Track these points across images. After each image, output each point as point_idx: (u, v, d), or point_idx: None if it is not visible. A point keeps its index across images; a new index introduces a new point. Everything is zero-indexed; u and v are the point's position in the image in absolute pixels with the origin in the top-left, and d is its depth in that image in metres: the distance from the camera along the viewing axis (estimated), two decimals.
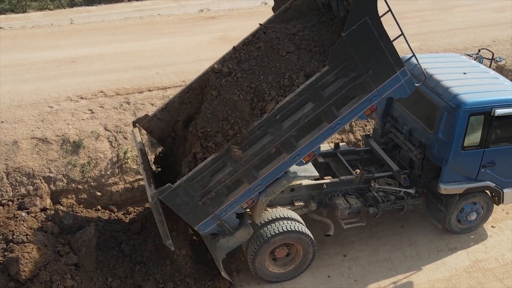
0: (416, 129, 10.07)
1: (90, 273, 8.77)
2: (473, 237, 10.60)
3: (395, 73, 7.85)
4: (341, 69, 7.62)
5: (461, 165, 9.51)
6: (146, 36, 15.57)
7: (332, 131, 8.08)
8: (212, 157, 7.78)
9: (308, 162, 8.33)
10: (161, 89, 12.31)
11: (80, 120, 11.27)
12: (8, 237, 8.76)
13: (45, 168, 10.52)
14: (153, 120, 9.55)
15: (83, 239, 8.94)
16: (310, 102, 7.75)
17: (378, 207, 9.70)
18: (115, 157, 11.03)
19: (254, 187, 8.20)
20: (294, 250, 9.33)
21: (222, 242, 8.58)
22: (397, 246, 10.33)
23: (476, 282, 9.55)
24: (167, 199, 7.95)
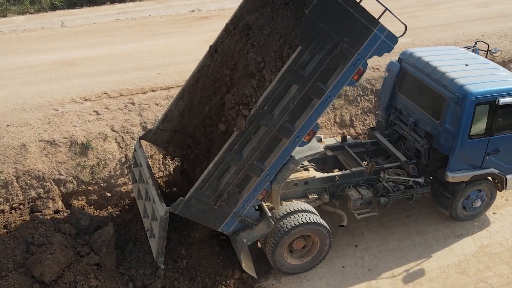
0: (421, 120, 10.38)
1: (111, 272, 8.84)
2: (476, 223, 10.98)
3: (372, 32, 7.74)
4: (315, 45, 7.60)
5: (467, 154, 9.87)
6: (142, 37, 15.58)
7: (325, 105, 8.13)
8: (213, 162, 7.92)
9: (310, 141, 8.41)
10: (164, 89, 12.38)
11: (87, 122, 11.27)
12: (28, 240, 8.79)
13: (55, 170, 10.49)
14: (157, 133, 9.76)
15: (102, 239, 9.00)
16: (294, 84, 7.77)
17: (389, 196, 10.02)
18: (123, 158, 11.07)
19: (263, 178, 8.37)
20: (310, 242, 9.56)
21: (243, 236, 8.76)
22: (406, 235, 10.64)
23: (485, 266, 9.92)
24: (182, 212, 8.14)
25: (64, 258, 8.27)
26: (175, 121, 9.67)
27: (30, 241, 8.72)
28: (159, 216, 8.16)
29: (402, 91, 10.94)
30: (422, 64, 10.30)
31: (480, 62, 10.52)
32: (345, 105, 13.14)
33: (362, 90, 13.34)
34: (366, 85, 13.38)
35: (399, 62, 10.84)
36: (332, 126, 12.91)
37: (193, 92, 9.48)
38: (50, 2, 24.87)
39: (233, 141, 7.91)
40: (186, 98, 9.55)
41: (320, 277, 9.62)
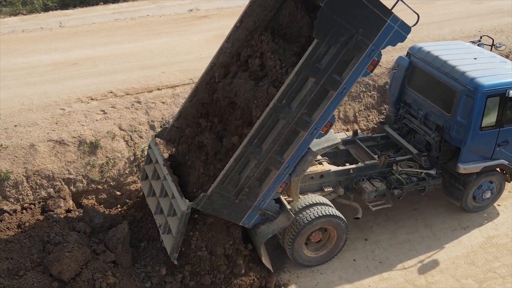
0: (432, 113, 10.56)
1: (128, 270, 8.86)
2: (482, 215, 11.17)
3: (386, 23, 7.86)
4: (330, 38, 7.72)
5: (478, 145, 10.07)
6: (143, 37, 15.57)
7: (341, 97, 8.27)
8: (234, 157, 8.03)
9: (326, 133, 8.53)
10: (170, 88, 12.41)
11: (94, 121, 11.27)
12: (44, 239, 8.79)
13: (64, 170, 10.49)
14: (172, 130, 9.85)
15: (117, 237, 9.01)
16: (310, 77, 7.91)
17: (402, 188, 10.19)
18: (132, 156, 11.10)
19: (283, 171, 8.49)
20: (327, 235, 9.69)
21: (263, 229, 8.90)
22: (414, 228, 10.81)
23: (492, 257, 10.11)
24: (205, 207, 8.25)
25: (82, 256, 8.28)
26: (189, 117, 9.74)
27: (46, 240, 8.72)
28: (180, 212, 8.23)
29: (411, 85, 11.12)
30: (431, 58, 10.49)
31: (488, 56, 10.76)
32: (348, 102, 13.27)
33: (364, 86, 13.47)
34: (368, 81, 13.53)
35: (408, 57, 11.01)
36: (337, 122, 13.03)
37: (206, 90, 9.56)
38: (42, 3, 24.82)
39: (253, 135, 8.03)
40: (200, 96, 9.61)
41: (333, 271, 9.75)
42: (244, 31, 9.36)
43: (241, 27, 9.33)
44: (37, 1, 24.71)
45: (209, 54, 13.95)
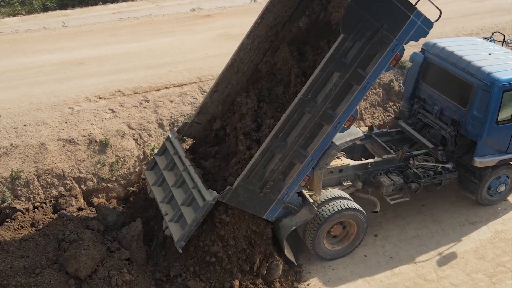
0: (447, 108, 10.72)
1: (142, 267, 8.91)
2: (489, 211, 11.31)
3: (409, 18, 8.01)
4: (356, 32, 7.90)
5: (494, 139, 10.23)
6: (147, 36, 15.60)
7: (364, 91, 8.43)
8: (260, 151, 8.15)
9: (349, 127, 8.69)
10: (177, 86, 12.45)
11: (103, 120, 11.29)
12: (59, 237, 8.81)
13: (75, 168, 10.51)
14: (193, 126, 10.00)
15: (131, 234, 9.05)
16: (335, 72, 8.06)
17: (419, 182, 10.33)
18: (141, 155, 11.13)
19: (306, 164, 8.63)
20: (347, 229, 9.87)
21: (285, 222, 9.02)
22: (422, 223, 10.91)
23: (501, 251, 10.23)
24: (230, 200, 8.37)
25: (98, 253, 8.31)
26: (209, 113, 9.91)
27: (61, 238, 8.75)
28: (203, 202, 8.35)
29: (426, 81, 11.28)
30: (446, 54, 10.64)
31: (502, 51, 10.94)
32: None
33: None
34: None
35: (422, 53, 11.14)
36: None
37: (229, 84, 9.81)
38: (41, 3, 24.79)
39: (279, 129, 8.16)
40: (220, 91, 9.76)
41: (344, 266, 9.83)
42: (265, 27, 9.59)
43: (262, 23, 9.54)
44: (36, 1, 24.71)
45: (214, 53, 14.23)
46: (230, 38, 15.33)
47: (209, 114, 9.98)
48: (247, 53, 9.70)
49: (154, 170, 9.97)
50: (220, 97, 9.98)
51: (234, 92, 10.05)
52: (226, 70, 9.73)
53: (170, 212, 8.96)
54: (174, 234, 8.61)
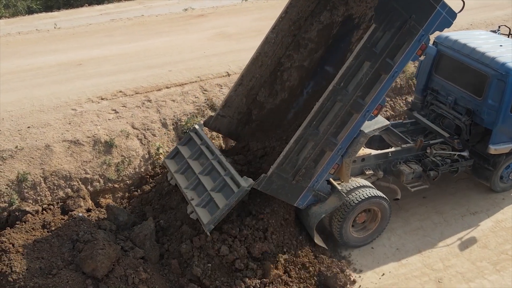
0: (462, 98, 11.05)
1: (156, 265, 8.97)
2: (489, 201, 11.60)
3: (435, 9, 8.37)
4: (386, 23, 8.24)
5: (508, 127, 10.60)
6: (143, 36, 15.59)
7: (392, 80, 8.76)
8: (294, 138, 8.36)
9: (377, 115, 8.99)
10: (178, 86, 12.50)
11: (107, 120, 11.29)
12: (73, 237, 8.84)
13: (81, 169, 10.50)
14: (217, 119, 10.33)
15: (144, 233, 9.11)
16: (366, 61, 8.37)
17: (438, 170, 10.69)
18: (146, 154, 11.17)
19: (336, 152, 8.92)
20: (370, 216, 10.14)
21: (315, 210, 9.34)
22: (425, 215, 11.16)
23: (503, 240, 10.52)
24: (265, 187, 8.61)
25: (114, 252, 8.36)
26: (234, 106, 10.23)
27: (76, 238, 8.77)
28: (237, 188, 8.64)
29: (439, 73, 11.59)
30: (460, 46, 11.00)
31: (510, 43, 11.26)
32: None
33: None
34: None
35: (435, 46, 11.44)
36: None
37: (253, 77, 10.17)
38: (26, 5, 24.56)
39: (312, 117, 8.44)
40: (245, 84, 10.07)
41: (352, 259, 10.00)
42: (288, 22, 9.90)
43: (286, 18, 9.85)
44: (21, 4, 24.51)
45: (212, 52, 14.31)
46: (226, 37, 15.44)
47: (234, 107, 10.27)
48: (271, 47, 10.03)
49: (175, 159, 10.17)
50: (244, 90, 10.31)
51: (258, 85, 10.33)
52: (251, 63, 10.04)
53: (195, 198, 9.15)
54: (202, 218, 8.80)
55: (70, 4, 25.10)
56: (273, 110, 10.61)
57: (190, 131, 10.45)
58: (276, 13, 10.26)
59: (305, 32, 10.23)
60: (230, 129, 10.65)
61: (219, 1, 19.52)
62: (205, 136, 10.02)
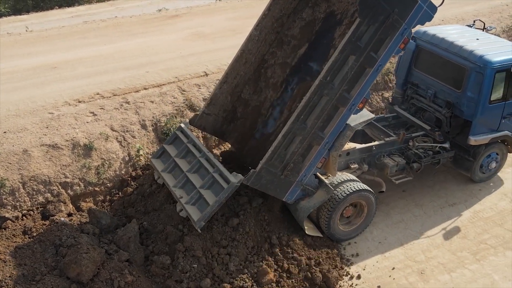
0: (441, 91, 11.27)
1: (141, 268, 8.91)
2: (466, 192, 11.85)
3: (417, 3, 8.57)
4: (370, 17, 8.40)
5: (487, 118, 10.87)
6: (118, 38, 15.43)
7: (376, 74, 8.91)
8: (282, 133, 8.43)
9: (362, 108, 9.13)
10: (156, 87, 12.41)
11: (85, 123, 11.15)
12: (56, 242, 8.71)
13: (60, 174, 10.35)
14: (203, 117, 10.35)
15: (128, 236, 9.04)
16: (351, 55, 8.50)
17: (420, 162, 10.91)
18: (127, 156, 11.07)
19: (323, 146, 9.03)
20: (357, 210, 10.28)
21: (303, 204, 9.46)
22: (405, 208, 11.35)
23: (482, 230, 10.77)
24: (254, 183, 8.69)
25: (98, 256, 8.27)
26: (219, 104, 10.28)
27: (58, 243, 8.66)
28: (226, 184, 8.66)
29: (418, 67, 11.80)
30: (438, 40, 11.24)
31: (486, 36, 11.59)
32: None
33: None
34: None
35: (414, 41, 11.61)
36: None
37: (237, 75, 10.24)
38: None
39: (300, 111, 8.53)
40: (230, 82, 10.12)
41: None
42: (271, 19, 9.99)
43: (269, 15, 9.93)
44: None
45: (189, 52, 14.27)
46: (201, 37, 15.41)
47: (219, 105, 10.32)
48: (255, 44, 10.12)
49: (161, 158, 10.15)
50: (229, 88, 10.36)
51: (242, 83, 10.40)
52: (235, 61, 10.09)
53: (184, 196, 9.15)
54: (193, 215, 8.81)
55: (40, 7, 24.73)
56: (258, 107, 10.65)
57: (176, 130, 10.43)
58: (250, 12, 10.39)
59: (288, 29, 10.32)
60: (215, 127, 10.66)
61: (193, 1, 19.51)
62: (191, 134, 10.01)
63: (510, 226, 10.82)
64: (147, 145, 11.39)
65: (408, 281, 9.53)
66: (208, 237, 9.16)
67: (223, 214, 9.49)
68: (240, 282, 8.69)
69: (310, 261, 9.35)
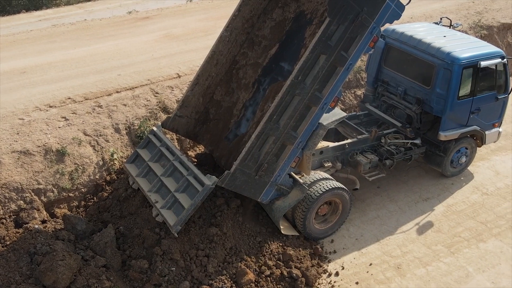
0: (411, 88, 11.43)
1: (119, 273, 8.81)
2: (439, 187, 12.07)
3: (385, 2, 8.69)
4: (340, 16, 8.48)
5: (456, 114, 11.05)
6: (89, 41, 15.23)
7: (347, 73, 8.99)
8: (255, 134, 8.44)
9: (334, 107, 9.21)
10: (129, 90, 12.29)
11: (57, 128, 10.97)
12: (30, 250, 8.54)
13: (33, 180, 10.15)
14: (175, 119, 10.31)
15: (104, 241, 8.94)
16: (322, 54, 8.57)
17: (393, 158, 11.06)
18: (101, 161, 10.94)
19: (296, 145, 9.05)
20: (332, 208, 10.34)
21: (278, 204, 9.48)
22: (380, 204, 11.49)
23: (455, 223, 10.98)
24: (228, 184, 8.66)
25: (75, 262, 8.17)
26: (192, 106, 10.25)
27: (33, 251, 8.48)
28: (201, 187, 8.61)
29: (388, 65, 11.95)
30: (406, 38, 11.39)
31: (453, 34, 11.79)
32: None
33: None
34: None
35: (383, 39, 11.73)
36: None
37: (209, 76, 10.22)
38: None
39: (273, 112, 8.55)
40: (201, 83, 10.10)
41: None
42: (241, 20, 10.01)
43: (239, 16, 9.94)
44: None
45: (161, 54, 14.19)
46: (173, 39, 15.33)
47: (191, 107, 10.29)
48: (226, 45, 10.12)
49: (135, 162, 10.07)
50: (201, 89, 10.33)
51: (214, 84, 10.39)
52: (206, 62, 10.07)
53: (160, 200, 9.08)
54: (169, 220, 8.75)
55: (6, 11, 24.22)
56: (231, 108, 10.65)
57: (148, 133, 10.36)
58: (221, 13, 10.39)
59: (258, 29, 10.36)
60: (188, 129, 10.64)
61: (164, 3, 19.41)
62: (164, 137, 9.96)
63: (482, 219, 11.07)
64: (121, 149, 11.27)
65: (385, 276, 9.65)
66: (186, 239, 9.13)
67: (200, 216, 9.46)
68: (219, 284, 8.68)
69: (288, 260, 9.39)
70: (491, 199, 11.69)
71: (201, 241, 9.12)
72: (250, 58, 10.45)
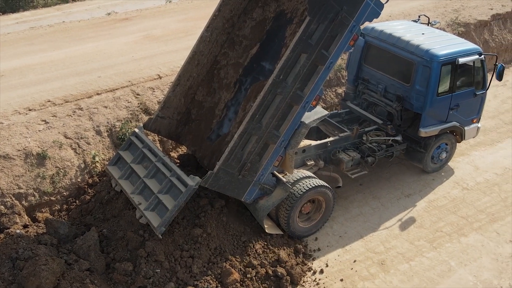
0: (391, 86, 11.54)
1: (103, 276, 8.74)
2: (420, 182, 12.21)
3: (364, 0, 8.77)
4: (320, 15, 8.54)
5: (436, 110, 11.18)
6: (68, 43, 15.08)
7: (328, 71, 9.05)
8: (238, 133, 8.44)
9: (316, 106, 9.26)
10: (109, 92, 12.20)
11: (37, 132, 10.85)
12: (12, 255, 8.43)
13: (13, 185, 10.02)
14: (157, 121, 10.28)
15: (88, 244, 8.86)
16: (303, 53, 8.62)
17: (375, 156, 11.15)
18: (82, 164, 10.85)
19: (279, 144, 9.08)
20: (315, 206, 10.39)
21: (262, 203, 9.51)
22: (363, 201, 11.58)
23: (437, 218, 11.12)
24: (212, 184, 8.65)
25: (58, 267, 8.07)
26: (173, 106, 10.21)
27: (15, 256, 8.36)
28: (184, 188, 8.56)
29: (368, 63, 12.04)
30: (385, 36, 11.49)
31: (431, 31, 11.93)
32: None
33: None
34: None
35: (362, 37, 11.81)
36: None
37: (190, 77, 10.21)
38: None
39: (255, 111, 8.56)
40: (183, 84, 10.08)
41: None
42: (222, 20, 10.02)
43: (219, 16, 9.95)
44: None
45: (141, 55, 14.12)
46: (153, 40, 15.27)
47: (173, 108, 10.26)
48: (207, 45, 10.13)
49: (117, 165, 10.01)
50: (182, 90, 10.32)
51: (196, 85, 10.38)
52: (187, 63, 10.06)
53: (143, 202, 9.03)
54: (152, 222, 8.71)
55: None
56: (212, 108, 10.65)
57: (130, 135, 10.30)
58: (201, 14, 10.39)
59: (239, 29, 10.38)
60: (170, 130, 10.61)
61: (143, 4, 19.32)
62: (146, 138, 9.92)
63: (463, 213, 11.23)
64: (103, 151, 11.19)
65: (370, 273, 9.74)
66: (170, 241, 9.09)
67: (184, 217, 9.44)
68: (204, 284, 8.67)
69: (273, 259, 9.42)
70: (471, 193, 11.87)
71: (186, 242, 9.10)
72: (231, 58, 10.46)
